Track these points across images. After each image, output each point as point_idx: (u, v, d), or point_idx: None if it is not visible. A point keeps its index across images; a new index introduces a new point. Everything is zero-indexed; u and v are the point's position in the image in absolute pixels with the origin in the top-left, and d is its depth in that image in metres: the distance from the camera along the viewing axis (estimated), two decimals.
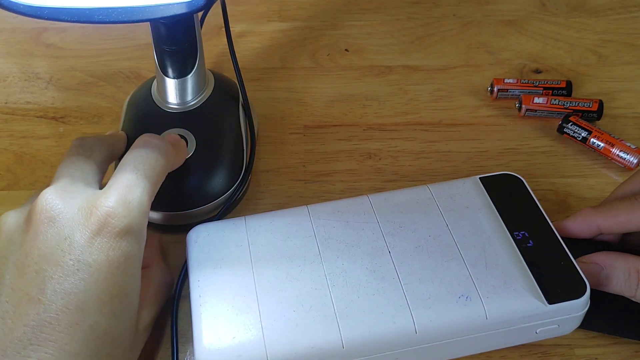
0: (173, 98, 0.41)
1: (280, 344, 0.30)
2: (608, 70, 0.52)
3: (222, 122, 0.42)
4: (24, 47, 0.54)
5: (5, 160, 0.45)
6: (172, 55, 0.40)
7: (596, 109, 0.47)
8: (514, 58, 0.53)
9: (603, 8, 0.58)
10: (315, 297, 0.32)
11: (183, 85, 0.41)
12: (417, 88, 0.50)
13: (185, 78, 0.41)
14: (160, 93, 0.42)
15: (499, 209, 0.36)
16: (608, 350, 0.35)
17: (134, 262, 0.30)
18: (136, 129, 0.41)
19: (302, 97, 0.50)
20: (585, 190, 0.43)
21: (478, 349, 0.33)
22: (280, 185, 0.44)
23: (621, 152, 0.44)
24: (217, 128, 0.41)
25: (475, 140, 0.47)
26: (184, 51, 0.40)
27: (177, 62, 0.40)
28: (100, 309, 0.28)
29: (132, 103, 0.43)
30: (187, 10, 0.32)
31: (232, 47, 0.43)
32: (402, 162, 0.45)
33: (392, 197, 0.37)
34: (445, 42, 0.55)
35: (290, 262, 0.34)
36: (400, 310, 0.31)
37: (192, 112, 0.41)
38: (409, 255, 0.33)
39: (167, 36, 0.39)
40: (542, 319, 0.32)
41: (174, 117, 0.41)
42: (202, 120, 0.41)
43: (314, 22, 0.56)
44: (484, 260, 0.33)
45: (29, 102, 0.49)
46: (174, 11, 0.32)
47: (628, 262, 0.33)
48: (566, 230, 0.36)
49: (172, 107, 0.41)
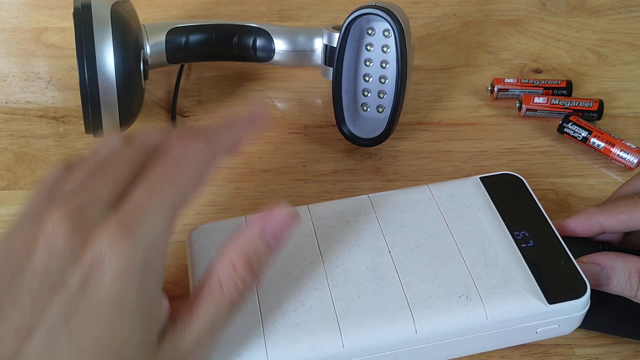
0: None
1: (281, 344, 0.30)
2: (608, 70, 0.52)
3: None
4: (24, 47, 0.54)
5: (6, 160, 0.45)
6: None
7: (596, 108, 0.47)
8: (514, 58, 0.53)
9: (603, 8, 0.58)
10: (316, 297, 0.32)
11: None
12: (417, 88, 0.50)
13: None
14: None
15: (499, 208, 0.36)
16: (608, 350, 0.35)
17: (133, 297, 0.25)
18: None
19: (302, 96, 0.50)
20: (586, 190, 0.43)
21: (478, 348, 0.33)
22: (280, 185, 0.44)
23: (621, 152, 0.44)
24: None
25: (475, 140, 0.47)
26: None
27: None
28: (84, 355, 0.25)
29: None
30: None
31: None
32: (402, 162, 0.45)
33: (392, 196, 0.37)
34: (446, 41, 0.55)
35: (291, 261, 0.34)
36: (401, 310, 0.31)
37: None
38: (409, 254, 0.33)
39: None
40: (543, 319, 0.32)
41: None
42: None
43: (314, 22, 0.56)
44: (484, 260, 0.33)
45: (29, 102, 0.49)
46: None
47: (629, 263, 0.33)
48: (569, 228, 0.36)
49: None
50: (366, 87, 0.45)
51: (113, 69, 0.39)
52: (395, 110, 0.43)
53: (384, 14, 0.40)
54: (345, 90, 0.44)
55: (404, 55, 0.41)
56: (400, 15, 0.41)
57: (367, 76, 0.45)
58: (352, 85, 0.45)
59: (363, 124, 0.44)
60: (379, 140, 0.44)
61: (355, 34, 0.43)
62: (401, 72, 0.41)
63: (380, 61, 0.44)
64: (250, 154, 0.46)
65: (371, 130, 0.44)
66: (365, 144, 0.44)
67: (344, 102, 0.44)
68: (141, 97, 0.43)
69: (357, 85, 0.45)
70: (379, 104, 0.45)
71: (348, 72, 0.44)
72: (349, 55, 0.43)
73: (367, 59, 0.44)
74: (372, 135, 0.44)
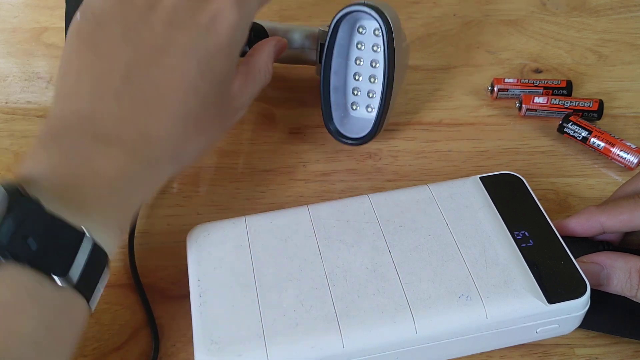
0: None
1: (281, 344, 0.30)
2: (608, 70, 0.52)
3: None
4: (24, 47, 0.54)
5: (6, 160, 0.45)
6: None
7: (596, 108, 0.47)
8: (514, 58, 0.53)
9: (603, 7, 0.58)
10: (316, 297, 0.32)
11: None
12: (417, 88, 0.50)
13: None
14: None
15: (499, 208, 0.36)
16: (608, 350, 0.35)
17: (232, 49, 0.35)
18: None
19: (302, 96, 0.50)
20: (586, 190, 0.43)
21: (478, 348, 0.33)
22: (280, 185, 0.44)
23: (621, 151, 0.44)
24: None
25: (475, 140, 0.47)
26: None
27: None
28: (201, 75, 0.33)
29: None
30: None
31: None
32: (402, 162, 0.45)
33: (392, 196, 0.37)
34: (446, 41, 0.55)
35: (291, 261, 0.34)
36: (401, 309, 0.31)
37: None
38: (409, 254, 0.33)
39: None
40: (543, 319, 0.32)
41: None
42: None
43: (314, 22, 0.56)
44: (484, 260, 0.33)
45: (30, 102, 0.49)
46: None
47: (629, 262, 0.33)
48: (569, 228, 0.36)
49: None
50: (356, 86, 0.45)
51: None
52: (381, 111, 0.43)
53: (372, 12, 0.40)
54: (334, 88, 0.44)
55: (392, 55, 0.41)
56: (390, 14, 0.41)
57: (357, 75, 0.45)
58: (342, 83, 0.45)
59: (352, 123, 0.44)
60: (364, 140, 0.44)
61: (346, 32, 0.43)
62: (388, 71, 0.41)
63: (371, 60, 0.44)
64: (250, 154, 0.46)
65: (360, 129, 0.44)
66: (350, 143, 0.44)
67: (333, 100, 0.44)
68: None
69: (347, 84, 0.45)
70: (369, 104, 0.45)
71: (338, 70, 0.44)
72: (339, 53, 0.43)
73: (357, 57, 0.44)
74: (359, 134, 0.44)
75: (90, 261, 0.29)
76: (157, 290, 0.38)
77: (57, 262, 0.28)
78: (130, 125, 0.32)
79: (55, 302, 0.28)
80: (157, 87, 0.32)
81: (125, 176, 0.31)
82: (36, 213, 0.27)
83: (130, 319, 0.36)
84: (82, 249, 0.28)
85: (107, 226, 0.30)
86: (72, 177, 0.30)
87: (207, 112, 0.34)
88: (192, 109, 0.33)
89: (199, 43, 0.34)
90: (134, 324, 0.36)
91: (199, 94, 0.34)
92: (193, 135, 0.34)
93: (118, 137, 0.31)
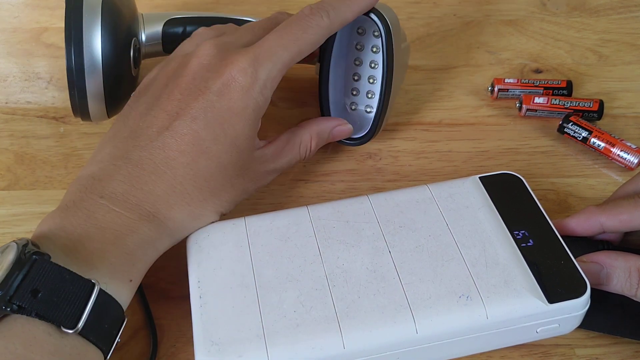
0: None
1: (281, 345, 0.30)
2: (608, 70, 0.52)
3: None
4: (24, 47, 0.54)
5: (6, 160, 0.45)
6: None
7: (596, 108, 0.47)
8: (515, 58, 0.53)
9: (603, 8, 0.58)
10: (316, 297, 0.32)
11: None
12: (417, 88, 0.50)
13: None
14: None
15: (499, 208, 0.36)
16: (608, 350, 0.35)
17: (247, 112, 0.36)
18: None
19: (302, 96, 0.50)
20: (586, 190, 0.43)
21: (478, 348, 0.33)
22: (280, 185, 0.44)
23: (622, 152, 0.44)
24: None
25: (475, 140, 0.47)
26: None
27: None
28: (213, 139, 0.35)
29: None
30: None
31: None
32: (402, 162, 0.45)
33: (392, 197, 0.37)
34: (446, 41, 0.55)
35: (291, 262, 0.34)
36: (401, 310, 0.31)
37: None
38: (409, 255, 0.33)
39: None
40: (543, 319, 0.32)
41: None
42: None
43: None
44: (484, 260, 0.33)
45: (30, 102, 0.49)
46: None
47: (629, 261, 0.33)
48: (569, 228, 0.36)
49: None
50: (355, 86, 0.45)
51: (100, 55, 0.40)
52: (380, 112, 0.43)
53: (371, 14, 0.40)
54: (333, 89, 0.44)
55: (391, 56, 0.41)
56: (389, 16, 0.41)
57: (356, 76, 0.45)
58: (341, 84, 0.45)
59: (350, 123, 0.44)
60: (362, 141, 0.44)
61: (345, 33, 0.43)
62: (387, 73, 0.41)
63: (370, 61, 0.44)
64: None
65: (358, 130, 0.44)
66: (349, 143, 0.44)
67: (332, 100, 0.44)
68: (131, 84, 0.43)
69: (346, 85, 0.45)
70: (367, 104, 0.45)
71: (337, 70, 0.44)
72: (338, 54, 0.43)
73: (356, 58, 0.44)
74: (358, 135, 0.44)
75: (101, 310, 0.30)
76: (157, 291, 0.38)
77: (66, 313, 0.29)
78: (136, 185, 0.34)
79: (67, 351, 0.29)
80: (165, 150, 0.34)
81: (131, 232, 0.33)
82: (44, 265, 0.29)
83: (130, 319, 0.36)
84: (92, 299, 0.29)
85: (115, 278, 0.31)
86: (79, 233, 0.32)
87: (223, 174, 0.36)
88: (202, 170, 0.35)
89: (210, 108, 0.35)
90: (134, 324, 0.36)
91: (210, 156, 0.35)
92: (209, 194, 0.35)
93: (123, 196, 0.33)
